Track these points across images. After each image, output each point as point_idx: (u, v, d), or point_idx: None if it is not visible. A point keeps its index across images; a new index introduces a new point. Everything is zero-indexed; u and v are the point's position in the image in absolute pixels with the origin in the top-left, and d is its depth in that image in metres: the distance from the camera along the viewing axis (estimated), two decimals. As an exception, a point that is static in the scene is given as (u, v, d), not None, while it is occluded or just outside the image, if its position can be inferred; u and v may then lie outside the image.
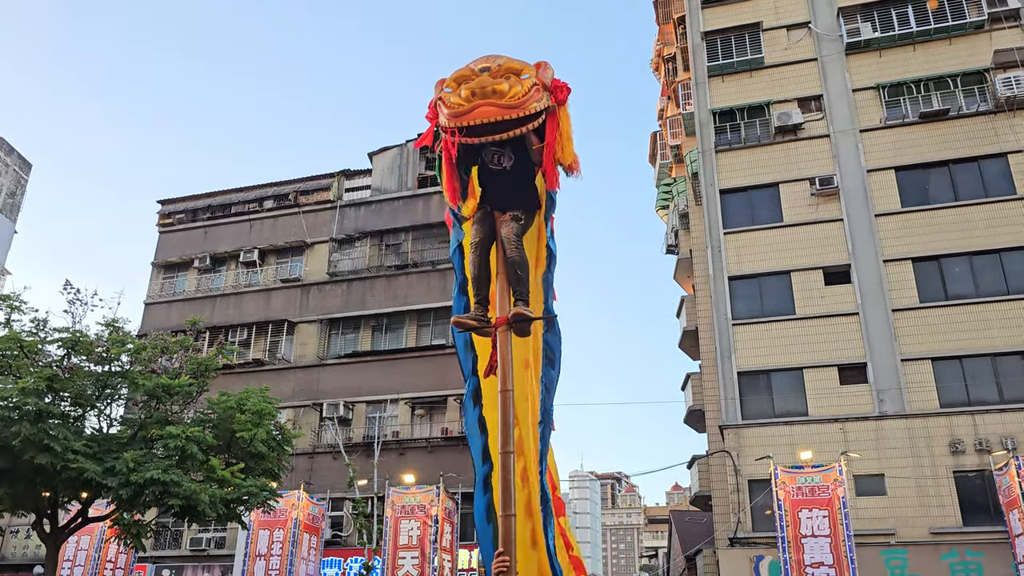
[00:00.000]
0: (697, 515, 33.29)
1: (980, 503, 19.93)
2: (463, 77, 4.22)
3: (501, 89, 4.06)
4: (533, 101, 4.13)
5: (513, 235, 4.34)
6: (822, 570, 17.38)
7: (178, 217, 35.08)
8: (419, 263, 30.51)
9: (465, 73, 4.22)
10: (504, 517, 3.72)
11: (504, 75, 4.16)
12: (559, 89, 4.35)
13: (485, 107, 4.06)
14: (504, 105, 4.05)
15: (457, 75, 4.27)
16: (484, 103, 4.07)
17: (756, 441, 21.79)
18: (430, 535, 18.94)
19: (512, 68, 4.21)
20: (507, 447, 3.77)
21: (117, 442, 14.79)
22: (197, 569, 27.21)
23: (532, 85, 4.15)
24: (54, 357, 14.96)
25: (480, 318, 4.38)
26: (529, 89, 4.12)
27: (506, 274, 4.36)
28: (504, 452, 3.75)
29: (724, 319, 23.66)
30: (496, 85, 4.08)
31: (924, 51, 25.02)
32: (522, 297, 4.27)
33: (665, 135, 33.03)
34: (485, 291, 4.46)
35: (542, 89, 4.23)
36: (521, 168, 4.51)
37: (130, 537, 15.47)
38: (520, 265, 4.30)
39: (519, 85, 4.11)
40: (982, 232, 22.54)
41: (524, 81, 4.14)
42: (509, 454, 3.78)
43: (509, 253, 4.32)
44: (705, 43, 27.34)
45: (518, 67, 4.22)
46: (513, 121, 4.11)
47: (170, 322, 29.27)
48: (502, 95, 4.06)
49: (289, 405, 27.97)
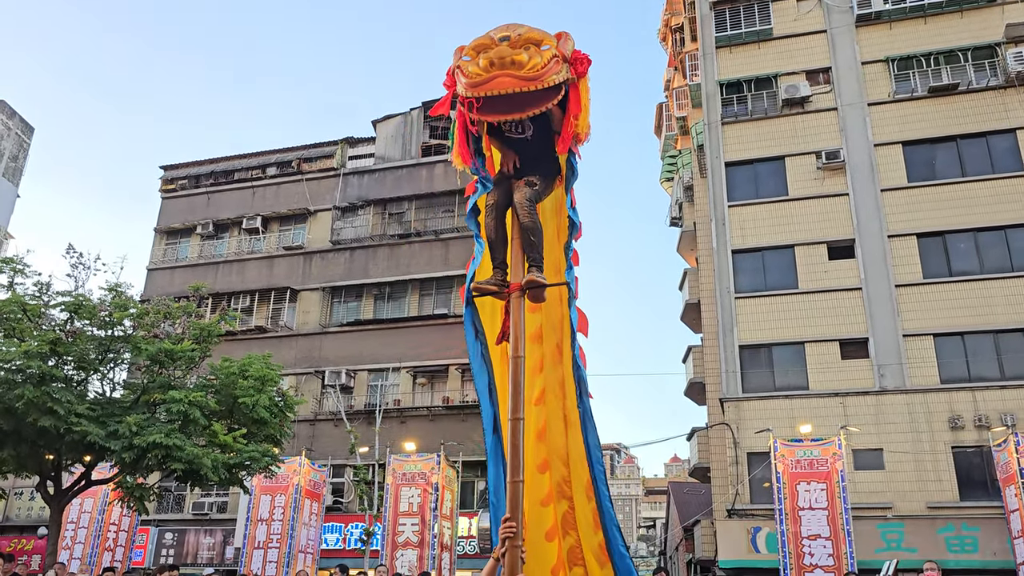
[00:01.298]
0: (695, 487, 33.52)
1: (977, 479, 20.06)
2: (482, 46, 4.14)
3: (520, 60, 3.99)
4: (552, 73, 4.05)
5: (526, 200, 4.29)
6: (819, 542, 17.51)
7: (181, 183, 34.96)
8: (422, 232, 30.44)
9: (484, 42, 4.15)
10: (512, 483, 3.73)
11: (524, 45, 4.07)
12: (579, 61, 4.27)
13: (503, 78, 3.99)
14: (523, 77, 3.99)
15: (476, 43, 4.19)
16: (502, 74, 4.00)
17: (756, 414, 21.88)
18: (430, 502, 19.08)
19: (532, 38, 4.11)
20: (517, 413, 3.77)
21: (120, 406, 14.83)
22: (199, 532, 27.49)
23: (552, 57, 4.07)
24: (57, 321, 14.96)
25: (500, 282, 4.34)
26: (549, 61, 4.05)
27: (520, 240, 4.32)
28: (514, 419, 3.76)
29: (727, 292, 23.64)
30: (515, 55, 4.00)
31: (935, 24, 24.72)
32: (536, 263, 4.23)
33: (671, 106, 32.77)
34: (502, 255, 4.42)
35: (562, 61, 4.15)
36: (541, 137, 4.47)
37: (133, 500, 15.59)
38: (533, 231, 4.26)
39: (538, 56, 4.03)
40: (988, 208, 22.43)
41: (544, 52, 4.06)
42: (519, 420, 3.78)
43: (523, 219, 4.27)
44: (713, 13, 27.01)
45: (538, 37, 4.13)
46: (532, 94, 4.04)
47: (173, 288, 29.27)
48: (521, 66, 3.99)
49: (291, 372, 28.08)
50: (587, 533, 4.72)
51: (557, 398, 4.70)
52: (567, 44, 4.23)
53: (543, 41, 4.12)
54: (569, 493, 4.66)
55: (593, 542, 4.73)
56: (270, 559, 19.39)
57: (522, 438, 3.81)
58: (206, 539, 27.28)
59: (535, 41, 4.10)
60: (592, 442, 4.60)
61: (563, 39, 4.23)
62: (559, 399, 4.70)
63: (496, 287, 4.31)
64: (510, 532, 3.61)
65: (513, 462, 3.75)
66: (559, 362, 4.73)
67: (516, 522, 3.65)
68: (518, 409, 3.79)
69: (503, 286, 4.31)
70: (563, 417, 4.68)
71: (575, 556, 4.68)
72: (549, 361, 4.72)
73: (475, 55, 4.13)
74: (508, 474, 3.79)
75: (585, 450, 4.62)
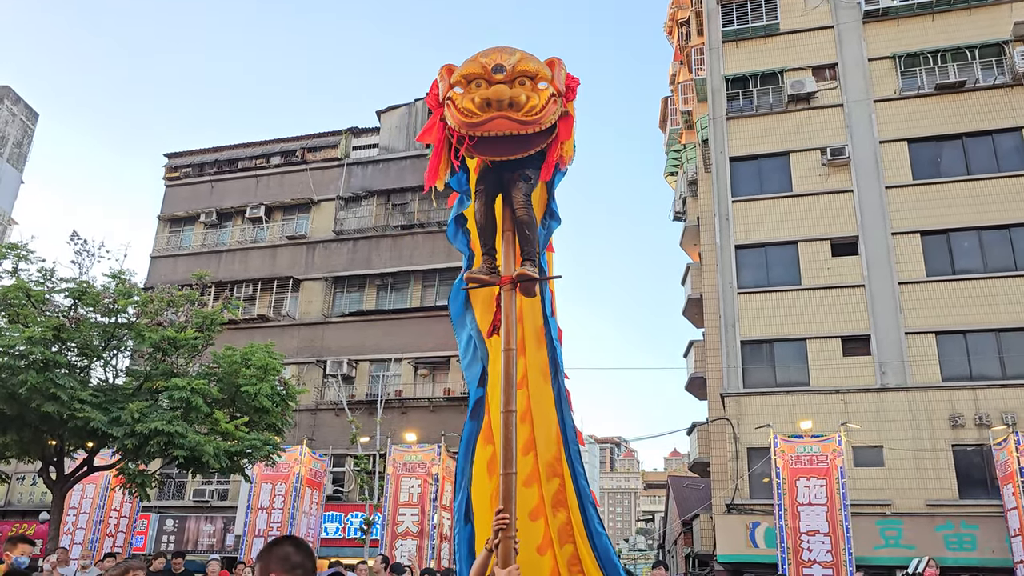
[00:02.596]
0: (695, 481, 33.60)
1: (977, 477, 20.07)
2: (473, 76, 3.99)
3: (519, 100, 3.87)
4: (550, 114, 3.97)
5: (522, 195, 4.27)
6: (817, 538, 17.55)
7: (184, 171, 34.99)
8: (425, 223, 30.45)
9: (475, 71, 4.00)
10: (505, 475, 3.76)
11: (519, 78, 3.94)
12: (571, 90, 4.19)
13: (501, 120, 3.89)
14: (522, 120, 3.88)
15: (467, 71, 4.04)
16: (499, 116, 3.89)
17: (757, 409, 21.90)
18: (430, 493, 19.16)
19: (527, 71, 3.97)
20: (509, 406, 3.79)
21: (123, 393, 14.91)
22: (200, 519, 27.62)
23: (550, 96, 3.96)
24: (61, 307, 15.01)
25: (491, 269, 4.32)
26: (547, 102, 3.95)
27: (513, 232, 4.32)
28: (506, 411, 3.78)
29: (729, 287, 23.63)
30: (513, 95, 3.88)
31: (943, 21, 24.63)
32: (530, 257, 4.22)
33: (676, 100, 32.72)
34: (492, 242, 4.40)
35: (558, 97, 4.05)
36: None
37: (135, 487, 15.65)
38: (529, 225, 4.24)
39: (536, 96, 3.92)
40: (993, 207, 22.38)
41: (542, 92, 3.94)
42: (511, 413, 3.80)
43: (518, 213, 4.24)
44: (720, 7, 26.93)
45: (533, 70, 3.98)
46: (529, 135, 3.96)
47: (176, 276, 29.34)
48: (519, 107, 3.88)
49: (293, 362, 28.14)
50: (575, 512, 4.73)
51: (545, 378, 4.69)
52: (560, 74, 4.12)
53: (539, 75, 3.99)
54: (560, 471, 4.65)
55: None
56: (270, 547, 19.48)
57: (514, 431, 3.83)
58: (207, 526, 27.41)
59: (531, 75, 3.96)
60: (567, 423, 4.61)
61: (557, 69, 4.11)
62: (547, 379, 4.69)
63: (487, 275, 4.30)
64: (503, 523, 3.64)
65: (506, 455, 3.78)
66: (543, 344, 4.73)
67: (509, 513, 3.68)
68: (510, 402, 3.81)
69: (494, 274, 4.30)
70: (552, 397, 4.67)
71: (565, 533, 4.66)
72: (533, 343, 4.71)
73: (467, 86, 3.99)
74: (501, 466, 3.81)
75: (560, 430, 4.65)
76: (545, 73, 4.02)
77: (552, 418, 4.63)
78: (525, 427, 4.60)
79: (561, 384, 4.61)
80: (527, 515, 4.54)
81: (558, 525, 4.66)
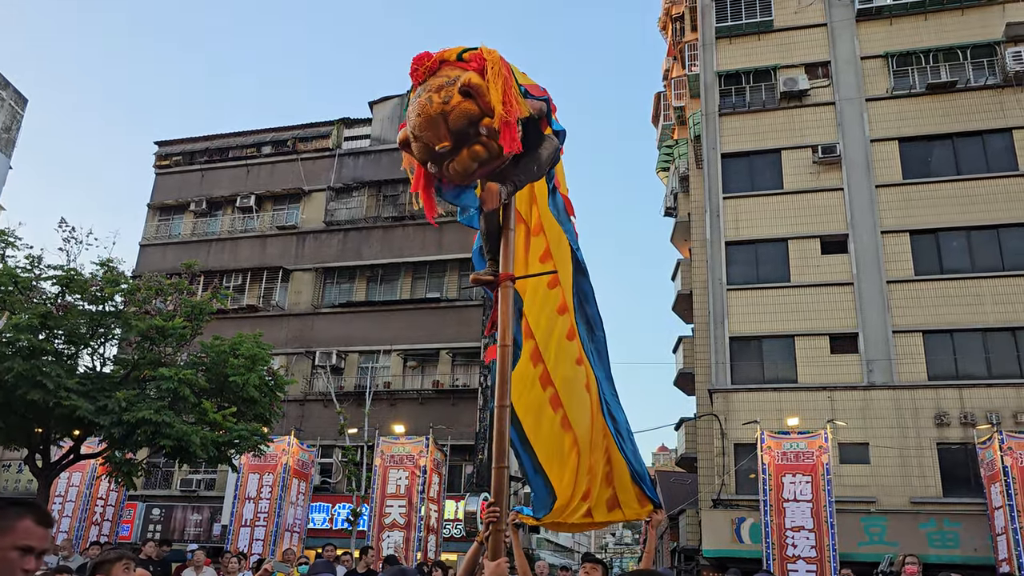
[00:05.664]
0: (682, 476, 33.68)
1: (961, 475, 20.23)
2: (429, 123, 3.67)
3: (480, 155, 3.64)
4: (508, 139, 3.67)
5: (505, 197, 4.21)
6: (802, 534, 17.64)
7: (175, 159, 34.79)
8: (416, 215, 30.36)
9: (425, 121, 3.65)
10: (497, 469, 3.76)
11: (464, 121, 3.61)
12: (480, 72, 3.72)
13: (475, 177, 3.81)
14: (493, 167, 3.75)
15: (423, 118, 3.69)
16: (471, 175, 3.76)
17: (744, 406, 22.00)
18: (418, 485, 19.14)
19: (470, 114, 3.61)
20: (503, 401, 3.79)
21: (110, 381, 14.82)
22: (187, 509, 27.55)
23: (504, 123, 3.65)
24: (48, 294, 14.91)
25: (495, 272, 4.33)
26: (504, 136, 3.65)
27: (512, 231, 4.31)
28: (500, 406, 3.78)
29: (719, 284, 23.70)
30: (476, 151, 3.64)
31: (935, 20, 24.72)
32: (492, 255, 4.34)
33: (669, 96, 32.71)
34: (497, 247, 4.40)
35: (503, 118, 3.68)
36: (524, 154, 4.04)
37: (121, 475, 15.58)
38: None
39: (493, 143, 3.64)
40: (982, 207, 22.51)
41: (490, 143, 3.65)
42: (504, 408, 3.80)
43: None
44: (714, 3, 26.94)
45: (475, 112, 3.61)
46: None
47: (165, 264, 29.21)
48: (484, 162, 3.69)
49: (282, 352, 28.08)
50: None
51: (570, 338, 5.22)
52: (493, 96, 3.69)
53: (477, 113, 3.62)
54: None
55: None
56: (257, 537, 19.43)
57: (508, 425, 3.83)
58: (193, 516, 27.34)
59: (474, 118, 3.61)
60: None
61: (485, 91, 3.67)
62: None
63: (492, 277, 4.32)
64: (494, 516, 3.64)
65: (498, 449, 3.78)
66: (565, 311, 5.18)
67: (500, 507, 3.68)
68: (504, 397, 3.81)
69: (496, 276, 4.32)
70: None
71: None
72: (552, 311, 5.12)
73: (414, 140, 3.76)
74: (494, 460, 3.81)
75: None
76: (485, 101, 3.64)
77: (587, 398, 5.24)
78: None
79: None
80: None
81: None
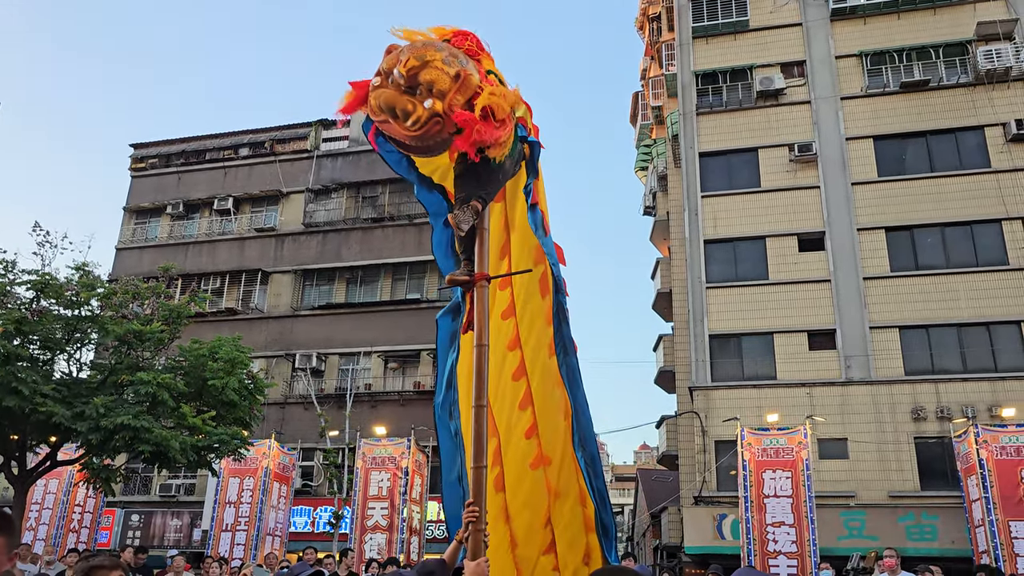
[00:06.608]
0: (663, 474, 33.85)
1: (938, 469, 20.46)
2: (385, 71, 3.84)
3: (406, 110, 3.73)
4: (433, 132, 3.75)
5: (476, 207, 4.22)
6: (783, 529, 17.77)
7: (151, 162, 34.48)
8: (395, 216, 30.33)
9: (385, 67, 3.81)
10: (475, 469, 3.77)
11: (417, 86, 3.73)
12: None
13: (391, 125, 3.82)
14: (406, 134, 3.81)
15: (383, 65, 3.86)
16: (391, 121, 3.81)
17: (724, 403, 22.14)
18: (400, 487, 19.10)
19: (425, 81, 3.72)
20: (481, 400, 3.80)
21: (87, 387, 14.67)
22: (166, 514, 27.32)
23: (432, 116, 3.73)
24: (23, 300, 14.74)
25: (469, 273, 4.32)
26: (427, 120, 3.72)
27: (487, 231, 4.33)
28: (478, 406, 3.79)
29: (698, 282, 23.84)
30: (399, 105, 3.75)
31: (909, 20, 25.00)
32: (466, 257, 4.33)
33: (647, 96, 32.87)
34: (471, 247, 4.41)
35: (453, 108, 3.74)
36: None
37: (99, 482, 15.41)
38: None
39: (420, 110, 3.73)
40: (955, 204, 22.79)
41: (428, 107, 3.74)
42: (482, 407, 3.81)
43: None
44: (691, 3, 27.09)
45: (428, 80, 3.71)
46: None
47: (142, 268, 28.95)
48: (405, 117, 3.76)
49: (262, 355, 27.91)
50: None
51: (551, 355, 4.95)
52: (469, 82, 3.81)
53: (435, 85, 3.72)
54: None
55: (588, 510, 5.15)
56: (238, 542, 19.31)
57: (485, 425, 3.84)
58: (173, 521, 27.12)
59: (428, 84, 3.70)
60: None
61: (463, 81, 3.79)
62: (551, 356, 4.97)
63: (467, 278, 4.31)
64: (473, 516, 3.66)
65: (476, 448, 3.79)
66: (549, 323, 4.92)
67: (480, 507, 3.70)
68: (482, 396, 3.82)
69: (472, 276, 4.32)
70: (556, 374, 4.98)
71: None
72: (542, 322, 4.91)
73: (383, 78, 3.83)
74: (472, 460, 3.83)
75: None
76: (443, 83, 3.73)
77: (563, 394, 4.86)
78: (526, 414, 4.83)
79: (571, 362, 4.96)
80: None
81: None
